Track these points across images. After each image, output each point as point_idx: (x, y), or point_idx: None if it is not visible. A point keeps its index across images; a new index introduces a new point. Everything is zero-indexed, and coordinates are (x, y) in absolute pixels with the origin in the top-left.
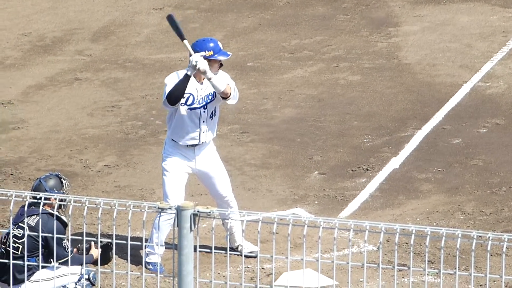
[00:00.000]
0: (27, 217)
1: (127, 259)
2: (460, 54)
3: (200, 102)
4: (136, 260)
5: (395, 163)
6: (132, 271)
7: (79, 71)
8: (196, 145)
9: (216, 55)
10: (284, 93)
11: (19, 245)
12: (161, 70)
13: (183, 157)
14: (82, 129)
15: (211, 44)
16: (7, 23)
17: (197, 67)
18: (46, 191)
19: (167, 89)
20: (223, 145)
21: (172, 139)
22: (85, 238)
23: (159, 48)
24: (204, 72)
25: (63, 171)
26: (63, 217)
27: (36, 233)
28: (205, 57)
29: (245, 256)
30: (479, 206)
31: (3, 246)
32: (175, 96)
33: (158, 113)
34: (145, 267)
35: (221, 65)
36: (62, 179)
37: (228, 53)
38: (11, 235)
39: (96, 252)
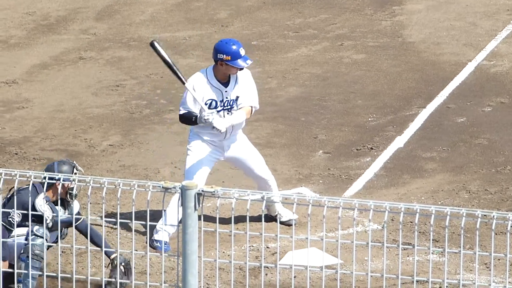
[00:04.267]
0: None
1: (131, 238)
2: (464, 32)
3: (226, 104)
4: (140, 239)
5: (399, 142)
6: (136, 250)
7: (84, 50)
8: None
9: (237, 61)
10: (288, 72)
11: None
12: (165, 49)
13: (211, 145)
14: (87, 109)
15: (234, 47)
16: (11, 2)
17: (213, 126)
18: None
19: (187, 98)
20: None
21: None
22: (89, 216)
23: (163, 27)
24: (220, 131)
25: (68, 151)
26: (46, 214)
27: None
28: (222, 60)
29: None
30: (484, 185)
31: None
32: (184, 122)
33: (163, 92)
34: (152, 243)
35: (241, 68)
36: (75, 169)
37: (248, 61)
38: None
39: None
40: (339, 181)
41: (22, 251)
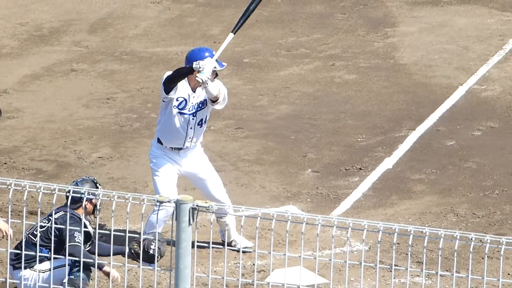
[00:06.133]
0: (56, 213)
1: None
2: (456, 56)
3: (191, 109)
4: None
5: (388, 163)
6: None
7: (76, 62)
8: (180, 148)
9: None
10: (279, 90)
11: (39, 233)
12: (157, 64)
13: (170, 159)
14: (77, 120)
15: (206, 54)
16: (4, 12)
17: (205, 80)
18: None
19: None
20: (217, 140)
21: (158, 142)
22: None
23: (156, 41)
24: (203, 83)
25: (57, 162)
26: (89, 228)
27: (55, 226)
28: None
29: (241, 252)
30: (472, 209)
31: (27, 233)
32: (172, 79)
33: (153, 106)
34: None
35: (216, 74)
36: (98, 184)
37: (223, 63)
38: (38, 224)
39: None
40: (327, 200)
41: (65, 281)
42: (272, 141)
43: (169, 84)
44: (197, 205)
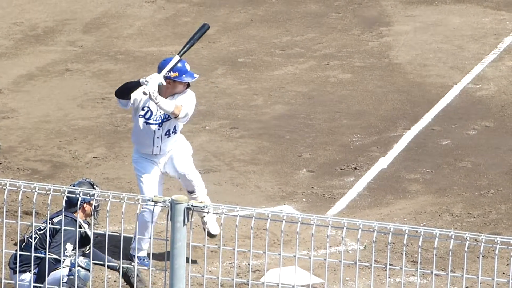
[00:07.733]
0: (54, 217)
1: (118, 252)
2: (451, 55)
3: (157, 119)
4: (125, 253)
5: (383, 162)
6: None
7: (70, 62)
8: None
9: (182, 76)
10: (274, 89)
11: (37, 236)
12: (152, 63)
13: (149, 160)
14: (72, 120)
15: (178, 65)
16: None
17: (149, 92)
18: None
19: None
20: (212, 140)
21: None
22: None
23: (150, 41)
24: (150, 96)
25: (52, 162)
26: (88, 231)
27: (53, 230)
28: (169, 78)
29: (236, 250)
30: (467, 208)
31: (26, 237)
32: (121, 93)
33: None
34: (131, 259)
35: (188, 85)
36: (95, 186)
37: (195, 75)
38: (33, 227)
39: None
40: (322, 200)
41: (65, 281)
42: (267, 141)
43: (120, 97)
44: (191, 205)
